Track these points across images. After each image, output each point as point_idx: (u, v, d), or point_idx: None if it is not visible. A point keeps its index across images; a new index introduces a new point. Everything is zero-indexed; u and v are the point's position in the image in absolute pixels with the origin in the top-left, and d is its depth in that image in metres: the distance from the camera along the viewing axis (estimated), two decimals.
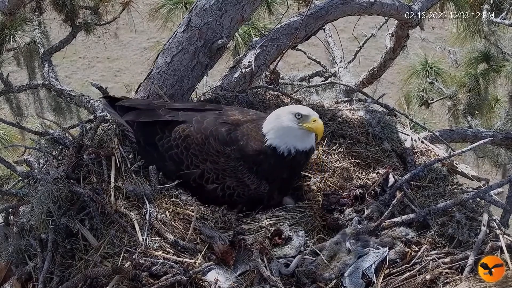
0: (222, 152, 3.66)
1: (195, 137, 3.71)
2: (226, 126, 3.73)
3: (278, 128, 3.65)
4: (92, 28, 6.65)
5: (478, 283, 3.09)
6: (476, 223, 3.54)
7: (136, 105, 3.94)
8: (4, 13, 5.09)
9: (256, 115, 3.89)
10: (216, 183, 3.65)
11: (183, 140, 3.72)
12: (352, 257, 3.22)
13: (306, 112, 3.64)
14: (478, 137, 5.31)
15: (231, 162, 3.65)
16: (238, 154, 3.65)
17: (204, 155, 3.67)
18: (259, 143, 3.67)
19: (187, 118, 3.79)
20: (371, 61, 7.70)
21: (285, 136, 3.64)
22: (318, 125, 3.62)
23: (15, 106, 7.90)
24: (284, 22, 4.96)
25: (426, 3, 5.49)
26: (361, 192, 3.60)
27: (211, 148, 3.67)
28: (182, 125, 3.76)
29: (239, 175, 3.64)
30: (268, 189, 3.67)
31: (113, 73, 13.21)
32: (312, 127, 3.62)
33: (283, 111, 3.70)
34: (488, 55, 7.78)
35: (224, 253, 3.27)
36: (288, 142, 3.64)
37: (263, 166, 3.66)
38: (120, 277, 3.14)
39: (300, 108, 3.69)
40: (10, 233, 3.68)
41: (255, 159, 3.65)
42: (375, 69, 6.79)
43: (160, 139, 3.76)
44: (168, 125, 3.78)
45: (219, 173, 3.65)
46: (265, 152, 3.64)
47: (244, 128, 3.73)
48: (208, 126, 3.73)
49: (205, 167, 3.66)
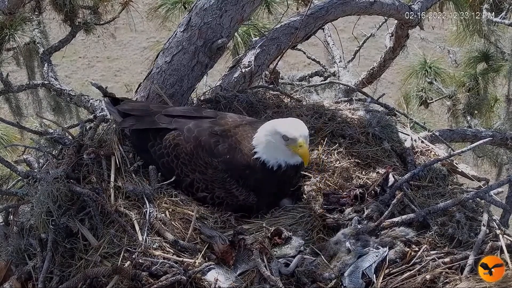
0: (209, 164, 3.64)
1: (184, 146, 3.70)
2: (215, 137, 3.69)
3: (267, 145, 3.60)
4: (92, 28, 6.65)
5: (478, 283, 3.09)
6: (476, 223, 3.54)
7: (132, 111, 3.92)
8: (3, 13, 5.08)
9: (249, 124, 3.81)
10: (205, 192, 3.65)
11: (173, 148, 3.71)
12: (352, 257, 3.22)
13: (292, 136, 3.52)
14: (477, 137, 5.31)
15: (218, 174, 3.64)
16: (224, 166, 3.63)
17: (193, 165, 3.67)
18: (245, 157, 3.63)
19: (179, 126, 3.77)
20: (371, 61, 7.68)
21: (274, 152, 3.59)
22: (303, 152, 3.52)
23: (15, 106, 7.89)
24: (284, 21, 4.96)
25: (426, 3, 5.49)
26: (361, 192, 3.59)
27: (199, 159, 3.66)
28: (173, 133, 3.75)
29: (227, 186, 3.63)
30: (256, 200, 3.66)
31: (113, 73, 13.21)
32: (298, 153, 3.55)
33: (271, 129, 3.59)
34: (487, 54, 7.78)
35: (224, 253, 3.27)
36: (278, 158, 3.61)
37: (249, 180, 3.63)
38: (120, 277, 3.14)
39: (288, 130, 3.54)
40: (10, 233, 3.68)
41: (241, 173, 3.63)
42: (375, 69, 6.79)
43: (152, 146, 3.77)
44: (160, 132, 3.78)
45: (208, 184, 3.65)
46: (253, 166, 3.61)
47: (233, 140, 3.68)
48: (198, 136, 3.70)
49: (195, 176, 3.66)
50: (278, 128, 3.57)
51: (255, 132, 3.69)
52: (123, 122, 3.89)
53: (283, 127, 3.57)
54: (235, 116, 3.95)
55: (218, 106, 4.42)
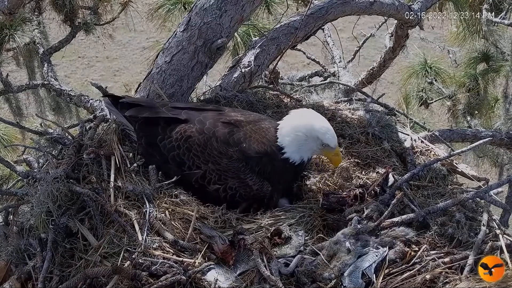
0: (224, 153, 3.66)
1: (197, 138, 3.70)
2: (228, 127, 3.73)
3: (297, 142, 3.65)
4: (92, 28, 6.65)
5: (478, 283, 3.09)
6: (476, 223, 3.54)
7: (139, 102, 3.96)
8: (3, 13, 5.07)
9: (258, 116, 3.89)
10: (218, 184, 3.65)
11: (185, 141, 3.71)
12: (352, 256, 3.21)
13: (333, 144, 3.66)
14: (477, 137, 5.31)
15: (233, 163, 3.65)
16: (240, 155, 3.65)
17: (206, 156, 3.67)
18: (261, 145, 3.67)
19: (190, 117, 3.79)
20: (371, 60, 7.68)
21: (302, 148, 3.67)
22: (338, 159, 3.75)
23: (15, 106, 7.89)
24: (284, 21, 4.96)
25: (426, 3, 5.49)
26: (361, 192, 3.59)
27: (213, 149, 3.67)
28: (183, 126, 3.76)
29: (242, 176, 3.65)
30: (270, 189, 3.68)
31: (112, 73, 13.20)
32: (331, 159, 3.77)
33: (308, 130, 3.64)
34: (487, 55, 7.78)
35: (224, 252, 3.27)
36: (303, 155, 3.68)
37: (266, 168, 3.67)
38: (120, 277, 3.14)
39: (330, 138, 3.64)
40: (10, 233, 3.67)
41: (258, 161, 3.66)
42: (375, 69, 6.79)
43: (161, 140, 3.76)
44: (170, 126, 3.78)
45: (221, 174, 3.65)
46: (271, 154, 3.66)
47: (247, 129, 3.73)
48: (210, 126, 3.72)
49: (207, 168, 3.66)
50: (319, 134, 3.64)
51: (265, 122, 3.79)
52: (132, 111, 3.87)
53: (324, 133, 3.64)
54: (241, 110, 4.03)
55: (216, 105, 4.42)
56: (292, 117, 3.73)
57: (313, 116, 3.73)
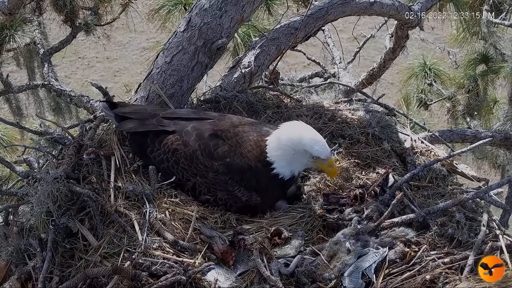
0: (210, 167, 3.63)
1: (183, 151, 3.68)
2: (214, 139, 3.67)
3: (288, 159, 3.58)
4: (92, 28, 6.65)
5: (478, 283, 3.09)
6: (476, 223, 3.54)
7: (129, 114, 3.92)
8: (4, 13, 5.08)
9: (249, 125, 3.79)
10: (208, 195, 3.64)
11: (172, 154, 3.69)
12: (352, 257, 3.21)
13: (325, 156, 3.53)
14: (477, 138, 5.32)
15: (220, 177, 3.62)
16: (225, 169, 3.62)
17: (193, 169, 3.65)
18: (246, 160, 3.62)
19: (178, 128, 3.76)
20: (371, 61, 7.69)
21: (292, 163, 3.61)
22: (332, 171, 3.62)
23: (15, 106, 7.89)
24: (284, 22, 4.96)
25: (426, 4, 5.50)
26: (361, 192, 3.59)
27: (199, 163, 3.65)
28: (171, 138, 3.73)
29: (230, 188, 3.62)
30: (259, 200, 3.65)
31: (112, 73, 13.20)
32: (325, 171, 3.65)
33: (296, 144, 3.55)
34: (487, 56, 7.78)
35: (224, 253, 3.27)
36: (294, 169, 3.64)
37: (251, 182, 3.62)
38: (120, 277, 3.14)
39: (319, 150, 3.53)
40: (10, 233, 3.67)
41: (243, 176, 3.62)
42: (375, 70, 6.79)
43: (151, 152, 3.75)
44: (159, 137, 3.75)
45: (210, 187, 3.63)
46: (254, 168, 3.60)
47: (233, 141, 3.67)
48: (196, 138, 3.69)
49: (196, 180, 3.65)
50: (306, 147, 3.53)
51: (258, 133, 3.67)
52: (121, 125, 3.88)
53: (311, 146, 3.53)
54: (234, 117, 3.93)
55: (218, 107, 4.43)
56: (280, 131, 3.64)
57: (302, 129, 3.61)
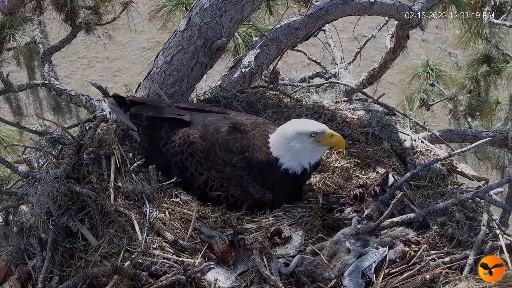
0: (228, 162, 3.64)
1: (200, 144, 3.68)
2: (232, 134, 3.69)
3: (290, 150, 3.59)
4: (93, 28, 6.65)
5: (478, 283, 3.09)
6: (476, 223, 3.54)
7: (144, 101, 3.99)
8: (4, 13, 5.08)
9: (262, 122, 3.85)
10: (220, 191, 3.63)
11: (188, 146, 3.70)
12: (351, 256, 3.22)
13: (320, 129, 3.56)
14: (477, 137, 5.31)
15: (237, 172, 3.63)
16: (244, 164, 3.63)
17: (209, 163, 3.65)
18: (265, 154, 3.65)
19: (193, 120, 3.77)
20: (371, 61, 7.69)
21: (299, 155, 3.61)
22: (338, 139, 3.58)
23: (15, 106, 7.90)
24: (284, 22, 4.96)
25: (426, 4, 5.49)
26: (361, 191, 3.59)
27: (217, 157, 3.65)
28: (187, 130, 3.74)
29: (244, 185, 3.62)
30: (271, 198, 3.65)
31: (112, 73, 13.20)
32: (333, 143, 3.61)
33: (291, 133, 3.59)
34: (489, 57, 7.78)
35: (224, 252, 3.27)
36: (303, 161, 3.63)
37: (268, 178, 3.63)
38: (120, 277, 3.14)
39: (312, 126, 3.58)
40: (10, 233, 3.68)
41: (261, 170, 3.63)
42: (375, 70, 6.78)
43: (164, 144, 3.75)
44: (173, 130, 3.76)
45: (224, 182, 3.62)
46: (273, 165, 3.62)
47: (251, 136, 3.70)
48: (214, 132, 3.70)
49: (210, 175, 3.64)
50: (300, 129, 3.57)
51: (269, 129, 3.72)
52: (138, 109, 3.86)
53: (305, 126, 3.59)
54: (245, 114, 3.98)
55: (218, 106, 4.42)
56: (279, 128, 3.70)
57: (295, 121, 3.70)
